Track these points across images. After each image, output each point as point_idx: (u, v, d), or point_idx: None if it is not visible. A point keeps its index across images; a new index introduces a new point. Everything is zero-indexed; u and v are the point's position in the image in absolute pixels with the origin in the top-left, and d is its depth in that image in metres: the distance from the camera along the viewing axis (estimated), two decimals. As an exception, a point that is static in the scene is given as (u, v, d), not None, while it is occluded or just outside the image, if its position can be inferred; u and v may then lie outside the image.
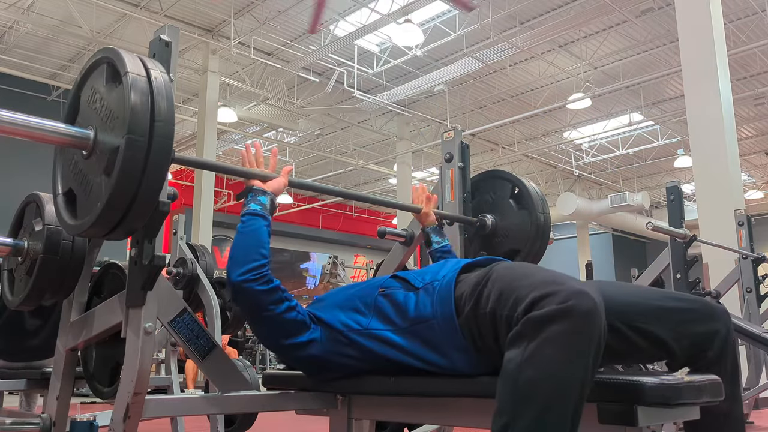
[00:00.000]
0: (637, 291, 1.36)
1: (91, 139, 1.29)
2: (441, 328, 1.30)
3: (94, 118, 1.31)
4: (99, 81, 1.34)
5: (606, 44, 9.61)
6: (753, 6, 8.51)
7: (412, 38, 8.93)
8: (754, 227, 3.92)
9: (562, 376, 1.04)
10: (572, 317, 1.06)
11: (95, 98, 1.33)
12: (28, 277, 1.74)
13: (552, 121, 12.40)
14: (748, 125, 12.42)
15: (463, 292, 1.31)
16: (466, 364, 1.28)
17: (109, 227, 1.27)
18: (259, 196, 1.57)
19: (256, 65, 10.23)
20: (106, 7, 8.46)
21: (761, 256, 3.75)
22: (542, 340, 1.05)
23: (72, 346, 1.74)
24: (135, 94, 1.21)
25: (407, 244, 2.28)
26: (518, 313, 1.12)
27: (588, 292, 1.08)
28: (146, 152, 1.20)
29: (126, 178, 1.20)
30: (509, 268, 1.29)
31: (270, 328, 1.48)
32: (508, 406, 1.06)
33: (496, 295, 1.21)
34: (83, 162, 1.32)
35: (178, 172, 14.39)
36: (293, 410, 1.62)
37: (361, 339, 1.41)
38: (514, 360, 1.07)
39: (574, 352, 1.05)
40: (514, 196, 2.29)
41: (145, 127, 1.20)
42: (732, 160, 5.57)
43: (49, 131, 1.28)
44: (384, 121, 12.61)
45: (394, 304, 1.41)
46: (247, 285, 1.43)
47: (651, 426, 1.09)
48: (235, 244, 1.50)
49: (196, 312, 2.58)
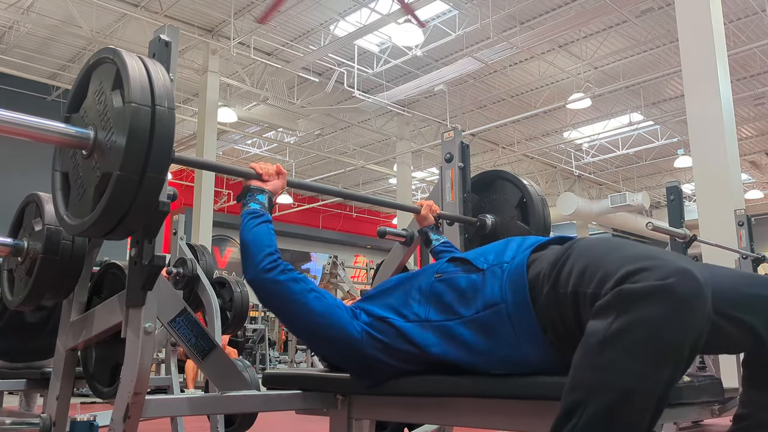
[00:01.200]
0: (732, 275, 1.21)
1: (90, 138, 1.29)
2: (512, 316, 1.17)
3: (93, 118, 1.31)
4: (97, 82, 1.34)
5: (606, 44, 9.61)
6: (753, 6, 8.51)
7: (412, 38, 8.93)
8: (754, 227, 3.91)
9: (649, 368, 0.92)
10: (672, 298, 0.91)
11: (94, 99, 1.33)
12: (28, 277, 1.74)
13: (552, 121, 12.40)
14: (748, 125, 12.42)
15: (539, 271, 1.17)
16: (539, 357, 1.15)
17: (109, 227, 1.27)
18: (257, 195, 1.56)
19: (256, 65, 10.23)
20: (106, 7, 8.46)
21: (761, 256, 3.75)
22: (632, 319, 0.92)
23: (72, 346, 1.74)
24: (134, 88, 1.21)
25: (407, 244, 2.28)
26: (606, 288, 0.98)
27: (693, 271, 0.93)
28: (147, 145, 1.20)
29: (128, 172, 1.19)
30: (594, 242, 1.13)
31: (301, 320, 1.40)
32: (583, 382, 0.96)
33: (579, 272, 1.07)
34: (83, 162, 1.32)
35: (178, 172, 14.40)
36: (293, 410, 1.62)
37: (417, 331, 1.29)
38: (597, 334, 0.95)
39: (668, 341, 0.91)
40: (512, 195, 2.30)
41: (146, 119, 1.20)
42: (732, 160, 5.56)
43: (49, 131, 1.28)
44: (384, 121, 12.61)
45: (455, 290, 1.28)
46: (267, 276, 1.39)
47: (651, 426, 1.09)
48: (243, 244, 1.47)
49: (196, 312, 2.58)
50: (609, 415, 0.93)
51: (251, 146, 13.99)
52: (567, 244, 1.19)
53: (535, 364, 1.17)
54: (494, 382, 1.22)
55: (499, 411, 1.28)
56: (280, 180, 1.63)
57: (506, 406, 1.25)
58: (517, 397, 1.20)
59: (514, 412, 1.24)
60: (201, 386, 6.19)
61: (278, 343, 12.63)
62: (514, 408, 1.24)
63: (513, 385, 1.19)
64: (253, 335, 10.64)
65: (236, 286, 3.37)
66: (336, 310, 1.39)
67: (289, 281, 1.39)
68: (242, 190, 1.59)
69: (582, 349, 0.98)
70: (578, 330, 1.05)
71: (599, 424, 0.94)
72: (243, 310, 3.35)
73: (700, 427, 4.06)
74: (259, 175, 1.60)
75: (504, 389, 1.21)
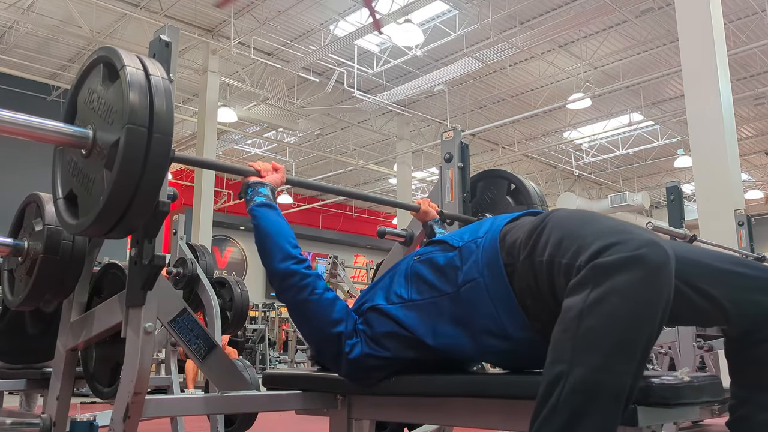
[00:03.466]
0: (702, 252, 1.27)
1: (90, 137, 1.29)
2: (489, 287, 1.21)
3: (92, 118, 1.31)
4: (96, 81, 1.34)
5: (606, 44, 9.61)
6: (753, 6, 8.51)
7: (412, 38, 8.93)
8: (754, 227, 3.92)
9: (628, 327, 0.97)
10: (643, 267, 0.99)
11: (93, 98, 1.33)
12: (28, 277, 1.74)
13: (552, 121, 12.40)
14: (748, 125, 12.42)
15: (516, 239, 1.21)
16: (517, 328, 1.19)
17: (110, 224, 1.26)
18: (259, 189, 1.56)
19: (256, 65, 10.23)
20: (106, 7, 8.46)
21: (761, 256, 3.75)
22: (608, 288, 0.98)
23: (72, 346, 1.74)
24: (133, 86, 1.21)
25: (407, 244, 2.29)
26: (581, 261, 1.04)
27: (660, 243, 1.02)
28: (147, 142, 1.20)
29: (128, 169, 1.19)
30: (569, 214, 1.19)
31: (316, 316, 1.40)
32: (565, 355, 0.99)
33: (555, 242, 1.12)
34: (83, 161, 1.32)
35: (178, 172, 14.40)
36: (293, 410, 1.62)
37: (402, 312, 1.33)
38: (575, 307, 1.00)
39: (642, 303, 0.98)
40: (511, 193, 2.32)
41: (145, 116, 1.20)
42: (732, 160, 5.56)
43: (48, 131, 1.28)
44: (384, 121, 12.61)
45: (435, 269, 1.32)
46: (293, 267, 1.40)
47: (651, 426, 1.09)
48: (265, 235, 1.46)
49: (196, 312, 2.58)
50: (593, 381, 0.97)
51: (251, 146, 13.99)
52: (543, 214, 1.24)
53: (514, 336, 1.21)
54: (494, 382, 1.22)
55: (499, 411, 1.28)
56: (279, 174, 1.64)
57: (506, 406, 1.25)
58: (516, 397, 1.20)
59: (514, 412, 1.24)
60: (201, 386, 6.18)
61: (278, 343, 12.63)
62: (514, 408, 1.24)
63: (513, 385, 1.20)
64: (253, 335, 10.64)
65: (236, 286, 3.37)
66: (345, 311, 1.41)
67: (314, 277, 1.41)
68: (242, 188, 1.60)
69: (561, 324, 1.01)
70: (551, 297, 1.12)
71: (583, 390, 0.97)
72: (243, 310, 3.35)
73: (700, 427, 4.06)
74: (257, 172, 1.62)
75: (504, 389, 1.21)
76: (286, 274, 1.40)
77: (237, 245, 16.58)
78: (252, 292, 7.06)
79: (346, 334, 1.38)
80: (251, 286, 14.15)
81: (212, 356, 1.74)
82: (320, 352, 1.47)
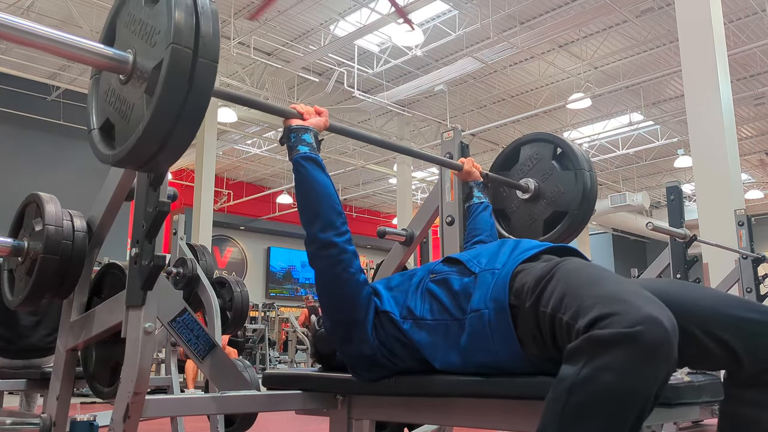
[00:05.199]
0: (716, 296, 1.26)
1: (129, 61, 1.18)
2: (492, 323, 1.22)
3: (132, 41, 1.21)
4: (137, 3, 1.23)
5: (606, 44, 9.61)
6: (753, 6, 8.51)
7: (412, 38, 8.93)
8: (754, 227, 3.92)
9: (616, 408, 0.95)
10: (638, 347, 0.95)
11: (133, 20, 1.22)
12: (28, 277, 1.74)
13: (552, 121, 12.40)
14: (748, 125, 12.42)
15: (524, 284, 1.21)
16: (513, 368, 1.21)
17: (148, 154, 1.15)
18: (302, 135, 1.46)
19: (256, 65, 10.24)
20: (106, 7, 8.46)
21: (761, 256, 3.75)
22: (601, 364, 0.96)
23: (72, 346, 1.74)
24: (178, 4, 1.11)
25: (407, 244, 2.29)
26: (579, 326, 1.03)
27: (660, 320, 0.97)
28: (192, 64, 1.09)
29: (170, 92, 1.08)
30: (577, 270, 1.17)
31: (343, 294, 1.37)
32: (550, 429, 1.00)
33: (558, 297, 1.12)
34: (121, 88, 1.22)
35: (178, 172, 14.40)
36: (293, 410, 1.62)
37: (413, 330, 1.32)
38: (567, 379, 0.99)
39: (633, 387, 0.95)
40: (557, 158, 2.24)
41: (190, 36, 1.09)
42: (732, 160, 5.57)
43: (85, 51, 1.16)
44: (384, 121, 12.62)
45: (449, 292, 1.31)
46: (334, 240, 1.34)
47: (651, 426, 1.09)
48: (305, 196, 1.39)
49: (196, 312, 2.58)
50: None
51: (251, 146, 13.99)
52: (555, 261, 1.23)
53: (508, 369, 1.21)
54: (494, 382, 1.22)
55: (499, 411, 1.28)
56: (323, 118, 1.53)
57: (506, 406, 1.25)
58: (516, 397, 1.20)
59: (514, 412, 1.24)
60: (201, 386, 6.19)
61: (278, 343, 12.63)
62: (513, 408, 1.24)
63: (512, 385, 1.20)
64: (253, 335, 10.64)
65: (236, 286, 3.37)
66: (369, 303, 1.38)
67: (351, 254, 1.37)
68: (284, 132, 1.49)
69: (554, 392, 1.02)
70: (552, 344, 1.12)
71: None
72: (243, 310, 3.35)
73: (700, 427, 4.06)
74: (300, 114, 1.51)
75: (503, 389, 1.21)
76: (326, 244, 1.36)
77: (237, 245, 16.58)
78: (252, 292, 7.07)
79: (362, 323, 1.37)
80: (251, 286, 14.16)
81: (212, 356, 1.74)
82: (332, 329, 1.44)
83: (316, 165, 1.42)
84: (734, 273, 3.77)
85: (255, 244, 16.82)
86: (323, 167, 1.43)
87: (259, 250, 16.95)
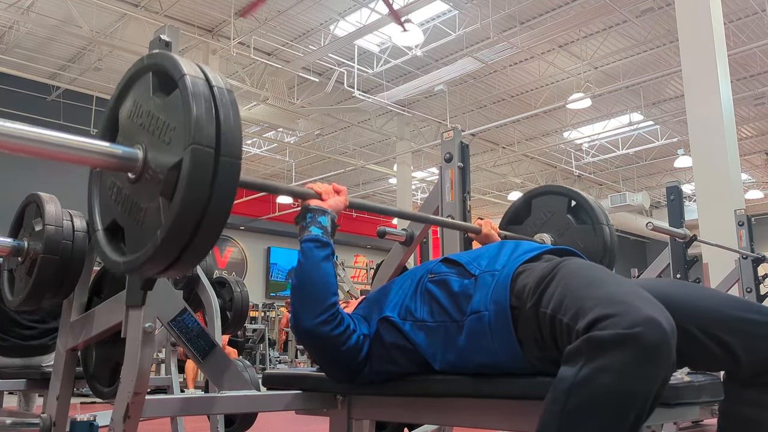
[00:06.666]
0: (716, 297, 1.27)
1: (140, 159, 1.07)
2: (492, 325, 1.22)
3: (140, 135, 1.10)
4: (144, 92, 1.13)
5: (606, 44, 9.61)
6: (753, 6, 8.51)
7: (412, 38, 8.93)
8: (754, 227, 3.92)
9: (614, 409, 0.96)
10: (637, 348, 0.95)
11: (140, 112, 1.12)
12: (28, 277, 1.74)
13: (552, 121, 12.40)
14: (748, 125, 12.42)
15: (526, 284, 1.21)
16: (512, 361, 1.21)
17: (168, 262, 1.05)
18: (319, 217, 1.41)
19: (256, 65, 10.23)
20: (106, 7, 8.46)
21: (761, 256, 3.75)
22: (599, 366, 0.96)
23: (72, 346, 1.74)
24: (197, 98, 1.00)
25: (407, 244, 2.29)
26: (579, 327, 1.03)
27: (659, 321, 0.97)
28: (214, 165, 0.99)
29: (193, 198, 0.98)
30: (577, 270, 1.17)
31: (343, 363, 1.39)
32: (549, 429, 1.00)
33: (559, 298, 1.12)
34: (130, 187, 1.10)
35: (178, 172, 14.38)
36: (293, 410, 1.62)
37: (414, 332, 1.32)
38: (566, 380, 0.99)
39: (631, 388, 0.95)
40: (572, 211, 2.19)
41: (211, 134, 0.99)
42: (732, 160, 5.57)
43: (88, 152, 1.05)
44: (384, 121, 12.62)
45: (448, 293, 1.31)
46: (323, 329, 1.32)
47: (651, 426, 1.09)
48: (301, 281, 1.36)
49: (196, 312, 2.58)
50: None
51: (251, 146, 13.99)
52: (556, 261, 1.22)
53: (508, 370, 1.22)
54: (494, 382, 1.22)
55: (499, 411, 1.28)
56: (342, 197, 1.49)
57: (506, 406, 1.25)
58: (516, 397, 1.20)
59: (514, 412, 1.24)
60: (201, 386, 6.19)
61: (278, 343, 12.63)
62: (513, 408, 1.24)
63: (512, 385, 1.20)
64: (253, 335, 10.63)
65: (236, 286, 3.37)
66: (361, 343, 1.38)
67: (341, 335, 1.35)
68: (301, 210, 1.45)
69: (551, 395, 1.02)
70: (555, 349, 1.11)
71: None
72: (243, 310, 3.35)
73: (700, 427, 4.06)
74: (318, 195, 1.46)
75: (503, 389, 1.21)
76: (313, 334, 1.34)
77: (237, 245, 16.58)
78: (252, 292, 7.06)
79: (358, 365, 1.38)
80: (251, 286, 14.15)
81: (212, 356, 1.74)
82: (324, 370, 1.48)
83: (320, 248, 1.38)
84: (734, 273, 3.78)
85: (255, 244, 16.81)
86: (330, 254, 1.39)
87: (259, 250, 16.94)
